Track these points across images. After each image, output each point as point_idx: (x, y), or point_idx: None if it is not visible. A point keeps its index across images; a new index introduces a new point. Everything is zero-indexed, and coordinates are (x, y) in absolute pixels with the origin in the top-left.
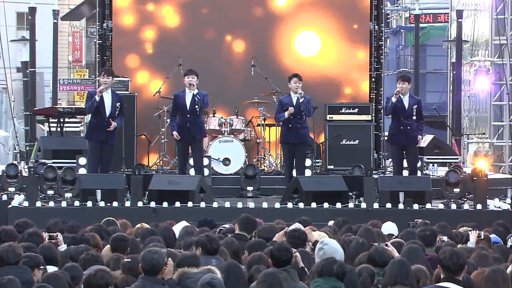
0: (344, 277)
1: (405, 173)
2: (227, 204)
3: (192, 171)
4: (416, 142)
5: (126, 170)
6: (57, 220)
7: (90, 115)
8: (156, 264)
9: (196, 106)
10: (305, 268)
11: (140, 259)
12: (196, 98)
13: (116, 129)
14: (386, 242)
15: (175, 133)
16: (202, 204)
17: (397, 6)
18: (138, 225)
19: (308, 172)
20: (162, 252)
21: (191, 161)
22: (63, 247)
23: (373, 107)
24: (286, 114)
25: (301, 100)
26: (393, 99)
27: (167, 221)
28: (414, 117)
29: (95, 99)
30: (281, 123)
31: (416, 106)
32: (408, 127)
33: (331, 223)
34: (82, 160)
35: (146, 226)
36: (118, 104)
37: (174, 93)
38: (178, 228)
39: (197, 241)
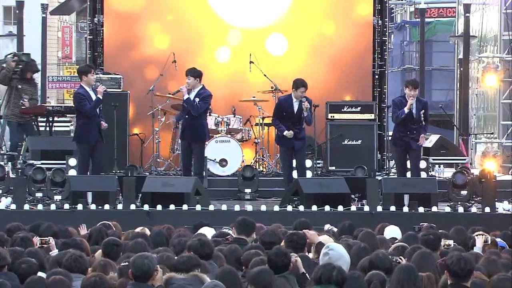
0: (344, 283)
1: (408, 174)
2: (224, 207)
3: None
4: (420, 145)
5: (118, 171)
6: (50, 223)
7: (76, 116)
8: (146, 270)
9: None
10: (306, 274)
11: (130, 265)
12: (185, 104)
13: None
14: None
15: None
16: (198, 207)
17: (401, 0)
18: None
19: (308, 174)
20: (152, 257)
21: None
22: (55, 252)
23: (377, 105)
24: (286, 133)
25: (305, 114)
26: (406, 110)
27: (164, 225)
28: (423, 123)
29: (99, 99)
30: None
31: (423, 111)
32: (415, 131)
33: (327, 227)
34: (72, 161)
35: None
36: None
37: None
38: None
39: (189, 245)
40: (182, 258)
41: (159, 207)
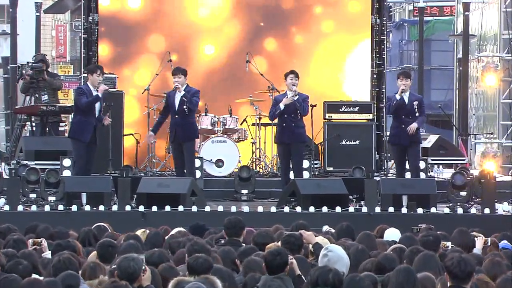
0: (341, 286)
1: (408, 175)
2: (220, 208)
3: None
4: (417, 141)
5: (113, 172)
6: (47, 225)
7: (73, 112)
8: (132, 272)
9: (184, 107)
10: (302, 276)
11: (116, 267)
12: (183, 100)
13: (97, 130)
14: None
15: (149, 133)
16: (194, 208)
17: None
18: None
19: (306, 174)
20: (139, 259)
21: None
22: (47, 253)
23: (375, 105)
24: (281, 104)
25: (295, 98)
26: (398, 96)
27: (162, 226)
28: (417, 114)
29: (97, 97)
30: (276, 120)
31: (417, 102)
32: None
33: (325, 228)
34: (67, 162)
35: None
36: (103, 104)
37: (167, 91)
38: None
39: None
40: (199, 259)
41: (154, 208)
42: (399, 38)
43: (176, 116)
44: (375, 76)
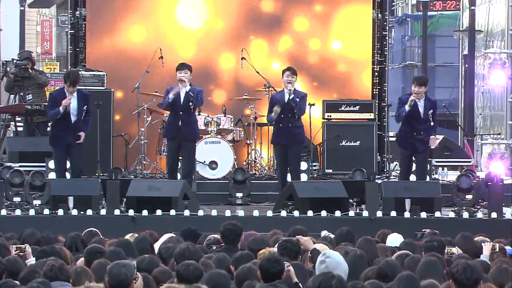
0: None
1: (413, 178)
2: (214, 213)
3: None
4: (428, 146)
5: (101, 174)
6: (34, 231)
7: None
8: (124, 278)
9: (190, 104)
10: (299, 284)
11: (107, 273)
12: (189, 95)
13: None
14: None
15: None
16: (186, 212)
17: None
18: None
19: (304, 177)
20: (130, 265)
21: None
22: (31, 260)
23: (377, 104)
24: (273, 114)
25: (290, 97)
26: (407, 108)
27: (147, 230)
28: (431, 123)
29: (58, 111)
30: (273, 122)
31: (431, 111)
32: (422, 132)
33: (323, 233)
34: (52, 164)
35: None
36: (85, 107)
37: (168, 87)
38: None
39: (176, 253)
40: (189, 267)
41: (145, 213)
42: (401, 34)
43: (181, 112)
44: (376, 73)
